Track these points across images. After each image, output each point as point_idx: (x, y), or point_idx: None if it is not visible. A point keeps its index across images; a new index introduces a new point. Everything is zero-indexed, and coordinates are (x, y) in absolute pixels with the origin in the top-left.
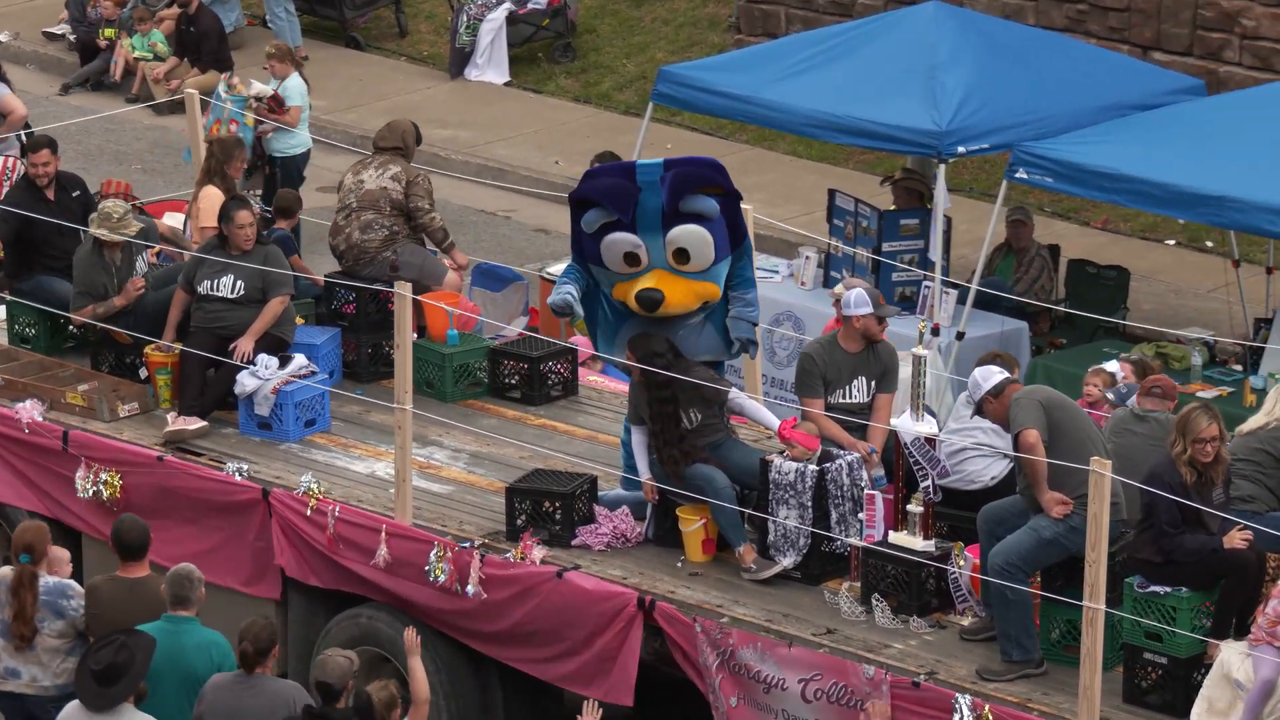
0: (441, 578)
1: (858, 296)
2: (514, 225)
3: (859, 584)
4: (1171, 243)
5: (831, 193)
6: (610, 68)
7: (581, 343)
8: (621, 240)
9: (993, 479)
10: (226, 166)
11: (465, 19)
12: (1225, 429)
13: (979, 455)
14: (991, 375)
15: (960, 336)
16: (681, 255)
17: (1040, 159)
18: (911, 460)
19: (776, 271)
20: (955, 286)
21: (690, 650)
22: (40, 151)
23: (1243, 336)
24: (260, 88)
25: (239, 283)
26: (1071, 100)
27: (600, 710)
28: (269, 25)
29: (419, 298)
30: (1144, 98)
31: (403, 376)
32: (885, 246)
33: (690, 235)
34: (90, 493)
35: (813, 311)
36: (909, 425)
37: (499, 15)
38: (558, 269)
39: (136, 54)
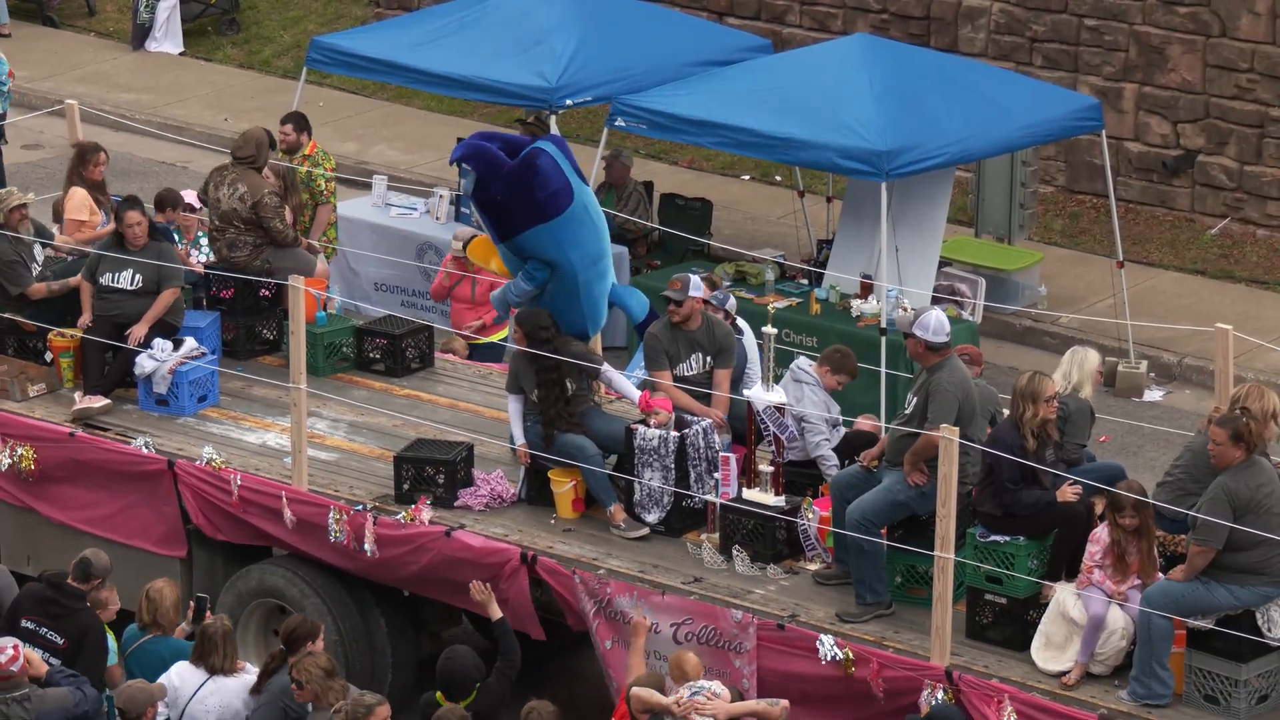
0: (340, 537)
1: (694, 283)
2: (190, 174)
3: (717, 535)
4: (746, 178)
5: (460, 141)
6: (270, 38)
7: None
8: None
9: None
10: (83, 169)
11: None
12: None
13: (818, 435)
14: (945, 328)
15: None
16: None
17: (634, 109)
18: (762, 426)
19: (415, 209)
20: None
21: (571, 599)
22: None
23: (808, 255)
24: None
25: (137, 276)
26: (660, 59)
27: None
28: None
29: (304, 287)
30: (721, 55)
31: (297, 359)
32: None
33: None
34: (6, 464)
35: (448, 242)
36: (761, 394)
37: None
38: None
39: None
